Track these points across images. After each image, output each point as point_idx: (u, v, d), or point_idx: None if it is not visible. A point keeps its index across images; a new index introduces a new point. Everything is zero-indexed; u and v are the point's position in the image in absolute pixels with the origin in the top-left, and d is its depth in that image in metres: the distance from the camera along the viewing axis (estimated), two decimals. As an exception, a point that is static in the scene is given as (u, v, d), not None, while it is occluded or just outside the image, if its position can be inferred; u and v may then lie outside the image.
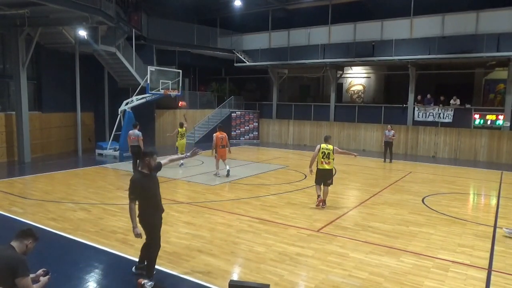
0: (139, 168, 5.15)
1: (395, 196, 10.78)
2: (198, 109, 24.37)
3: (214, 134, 13.01)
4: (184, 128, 15.20)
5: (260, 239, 7.06)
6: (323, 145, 9.26)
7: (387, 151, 17.18)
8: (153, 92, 16.93)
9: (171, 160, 5.85)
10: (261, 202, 9.77)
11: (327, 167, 9.19)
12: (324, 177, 9.27)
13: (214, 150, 12.79)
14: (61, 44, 17.07)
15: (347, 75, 25.86)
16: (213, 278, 5.44)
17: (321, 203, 9.27)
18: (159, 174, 5.61)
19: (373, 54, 20.19)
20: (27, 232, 3.89)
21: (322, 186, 9.31)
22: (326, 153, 9.18)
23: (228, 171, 12.83)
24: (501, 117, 18.05)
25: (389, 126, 17.67)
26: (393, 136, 17.08)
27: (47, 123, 17.41)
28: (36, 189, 10.75)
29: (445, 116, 19.27)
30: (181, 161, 13.81)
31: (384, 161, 17.17)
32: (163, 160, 5.54)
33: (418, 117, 20.04)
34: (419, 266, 6.02)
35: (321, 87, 27.45)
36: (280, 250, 6.55)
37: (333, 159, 9.29)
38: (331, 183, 9.44)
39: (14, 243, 3.78)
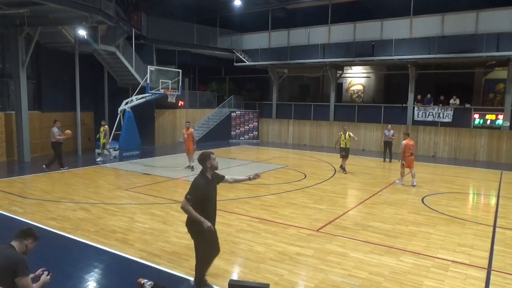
0: (202, 173, 4.93)
1: (394, 195, 10.79)
2: (198, 109, 24.36)
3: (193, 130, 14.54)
4: (102, 128, 15.66)
5: (260, 239, 7.06)
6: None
7: (387, 150, 17.20)
8: (152, 91, 16.93)
9: (236, 181, 5.55)
10: (261, 201, 9.77)
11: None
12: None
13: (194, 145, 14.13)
14: (61, 43, 17.07)
15: (347, 75, 25.86)
16: (213, 277, 5.44)
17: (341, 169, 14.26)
18: (159, 174, 5.61)
19: (373, 53, 20.19)
20: (27, 232, 3.89)
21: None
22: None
23: (192, 166, 13.94)
24: (500, 116, 18.05)
25: (389, 125, 17.69)
26: (393, 135, 17.09)
27: (46, 123, 17.35)
28: (36, 189, 10.75)
29: (444, 116, 19.28)
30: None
31: (384, 160, 17.19)
32: (229, 177, 5.35)
33: (418, 116, 20.04)
34: (419, 266, 6.02)
35: (321, 86, 27.45)
36: (280, 250, 6.55)
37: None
38: (343, 156, 14.21)
39: (14, 243, 3.78)
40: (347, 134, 14.29)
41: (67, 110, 17.90)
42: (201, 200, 4.72)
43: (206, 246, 4.95)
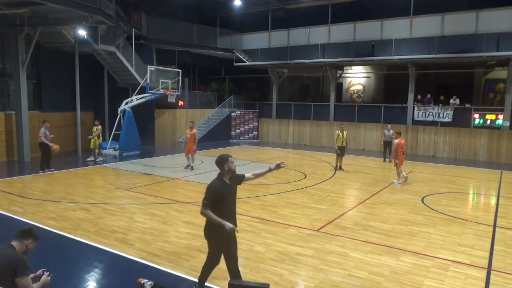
0: (219, 177, 4.75)
1: (394, 195, 10.79)
2: (198, 109, 24.36)
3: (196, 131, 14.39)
4: (95, 128, 15.77)
5: (260, 239, 7.06)
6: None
7: (387, 150, 17.19)
8: (152, 91, 16.92)
9: (257, 175, 5.20)
10: (261, 201, 9.77)
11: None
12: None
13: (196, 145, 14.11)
14: (61, 43, 17.07)
15: (347, 75, 25.86)
16: (213, 278, 5.43)
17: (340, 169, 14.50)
18: (159, 174, 5.59)
19: (373, 53, 20.18)
20: (27, 232, 3.89)
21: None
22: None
23: (191, 166, 13.96)
24: (500, 116, 18.05)
25: (388, 125, 17.69)
26: (393, 135, 17.07)
27: (46, 123, 17.40)
28: (36, 189, 10.75)
29: (444, 116, 19.27)
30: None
31: (384, 160, 17.18)
32: (249, 174, 5.16)
33: (418, 116, 20.03)
34: (419, 266, 6.02)
35: (321, 86, 27.45)
36: (280, 250, 6.55)
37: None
38: (339, 154, 14.49)
39: (14, 243, 3.78)
40: (344, 133, 14.68)
41: (67, 110, 17.91)
42: (213, 204, 4.59)
43: (216, 257, 4.86)
